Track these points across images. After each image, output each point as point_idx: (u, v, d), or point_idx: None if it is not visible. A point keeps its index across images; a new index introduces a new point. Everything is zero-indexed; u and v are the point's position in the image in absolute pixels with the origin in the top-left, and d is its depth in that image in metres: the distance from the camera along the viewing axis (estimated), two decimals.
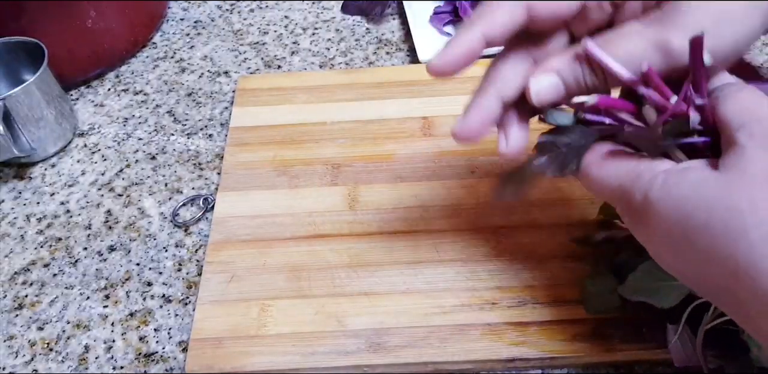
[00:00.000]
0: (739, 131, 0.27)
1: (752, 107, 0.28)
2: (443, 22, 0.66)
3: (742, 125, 0.27)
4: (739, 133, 0.27)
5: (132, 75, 0.66)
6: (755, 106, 0.28)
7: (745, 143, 0.26)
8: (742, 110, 0.28)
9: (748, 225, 0.25)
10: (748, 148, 0.26)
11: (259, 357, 0.43)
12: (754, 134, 0.26)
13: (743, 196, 0.26)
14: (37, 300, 0.49)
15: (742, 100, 0.28)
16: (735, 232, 0.25)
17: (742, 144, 0.27)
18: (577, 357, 0.42)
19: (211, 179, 0.56)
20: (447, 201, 0.51)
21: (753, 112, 0.27)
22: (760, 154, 0.26)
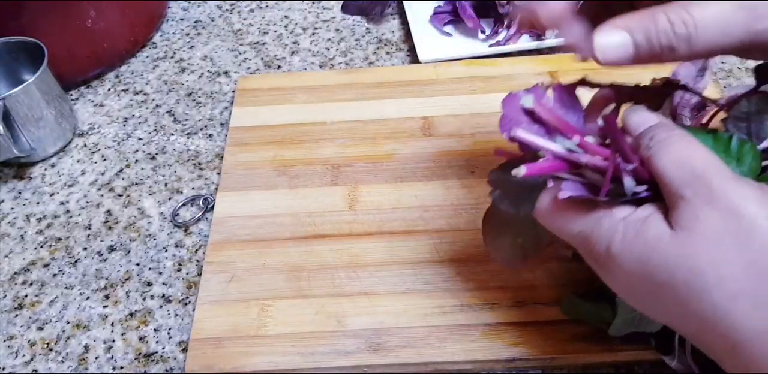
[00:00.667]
0: (683, 188, 0.27)
1: (688, 161, 0.28)
2: (443, 22, 0.66)
3: (685, 182, 0.27)
4: (684, 191, 0.27)
5: (132, 75, 0.66)
6: (691, 160, 0.28)
7: (693, 200, 0.27)
8: (679, 166, 0.28)
9: (709, 285, 0.26)
10: (697, 207, 0.27)
11: (259, 357, 0.43)
12: (699, 192, 0.27)
13: (701, 257, 0.26)
14: (37, 300, 0.49)
15: (677, 153, 0.28)
16: (698, 292, 0.26)
17: (689, 201, 0.27)
18: (577, 357, 0.42)
19: (211, 179, 0.56)
20: (447, 201, 0.51)
21: (692, 168, 0.27)
22: (708, 213, 0.26)
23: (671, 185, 0.28)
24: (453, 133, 0.56)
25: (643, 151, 0.29)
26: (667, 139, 0.29)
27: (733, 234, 0.26)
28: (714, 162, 0.28)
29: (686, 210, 0.27)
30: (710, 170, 0.27)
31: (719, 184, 0.27)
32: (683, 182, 0.27)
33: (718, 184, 0.27)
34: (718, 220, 0.26)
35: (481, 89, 0.59)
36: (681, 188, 0.27)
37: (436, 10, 0.68)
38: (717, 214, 0.26)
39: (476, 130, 0.56)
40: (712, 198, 0.26)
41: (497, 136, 0.57)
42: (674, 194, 0.28)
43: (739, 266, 0.26)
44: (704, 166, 0.27)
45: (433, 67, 0.62)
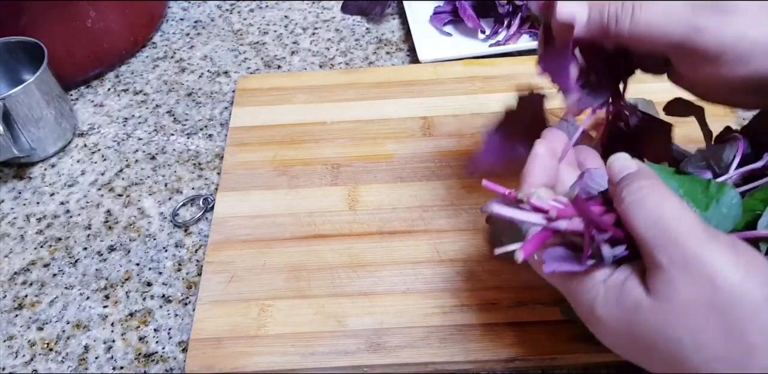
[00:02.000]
0: (657, 252, 0.28)
1: (661, 220, 0.28)
2: (443, 22, 0.66)
3: (660, 247, 0.28)
4: (659, 255, 0.27)
5: (132, 75, 0.66)
6: (665, 218, 0.28)
7: (668, 267, 0.27)
8: (653, 225, 0.28)
9: (688, 351, 0.27)
10: (673, 276, 0.27)
11: (259, 357, 0.43)
12: (674, 260, 0.27)
13: (679, 326, 0.27)
14: (37, 300, 0.49)
15: (649, 208, 0.28)
16: (678, 359, 0.27)
17: (664, 268, 0.27)
18: (577, 357, 0.42)
19: (211, 179, 0.56)
20: (447, 201, 0.51)
21: (665, 230, 0.28)
22: (683, 281, 0.27)
23: (646, 246, 0.28)
24: (453, 133, 0.56)
25: (617, 203, 0.30)
26: (638, 190, 0.29)
27: (710, 303, 0.26)
28: (687, 219, 0.28)
29: (662, 278, 0.27)
30: (684, 232, 0.27)
31: (694, 249, 0.27)
32: (658, 246, 0.28)
33: (693, 250, 0.27)
34: (694, 290, 0.27)
35: (481, 89, 0.59)
36: (656, 252, 0.28)
37: (436, 10, 0.68)
38: (693, 284, 0.27)
39: (476, 130, 0.56)
40: (688, 267, 0.27)
41: None
42: (649, 257, 0.28)
43: (717, 333, 0.26)
44: (678, 225, 0.28)
45: (433, 67, 0.62)
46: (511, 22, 0.65)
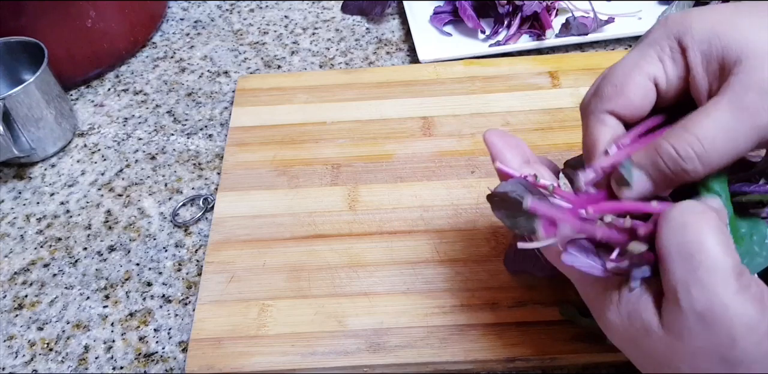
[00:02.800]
0: (680, 291, 0.26)
1: (698, 257, 0.26)
2: (443, 22, 0.66)
3: (684, 286, 0.26)
4: (681, 295, 0.26)
5: (132, 75, 0.66)
6: (701, 257, 0.26)
7: (687, 311, 0.26)
8: (687, 259, 0.26)
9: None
10: (690, 319, 0.26)
11: (259, 357, 0.43)
12: (695, 305, 0.26)
13: (685, 364, 0.27)
14: (37, 300, 0.49)
15: (691, 241, 0.26)
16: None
17: (684, 310, 0.26)
18: (577, 357, 0.42)
19: (211, 179, 0.56)
20: (447, 201, 0.51)
21: (696, 269, 0.26)
22: (700, 329, 0.26)
23: (671, 278, 0.26)
24: (453, 133, 0.56)
25: (660, 218, 0.28)
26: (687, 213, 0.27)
27: (722, 357, 0.26)
28: (725, 262, 0.26)
29: (679, 319, 0.26)
30: (716, 277, 0.25)
31: (720, 299, 0.25)
32: (683, 284, 0.26)
33: (719, 300, 0.25)
34: (709, 340, 0.26)
35: (481, 89, 0.59)
36: (679, 290, 0.26)
37: (436, 10, 0.68)
38: (709, 334, 0.26)
39: (476, 130, 0.56)
40: (708, 317, 0.25)
41: None
42: (671, 291, 0.26)
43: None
44: (713, 267, 0.26)
45: (433, 67, 0.62)
46: (511, 22, 0.65)
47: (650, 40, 0.31)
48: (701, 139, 0.28)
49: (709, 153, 0.28)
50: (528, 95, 0.58)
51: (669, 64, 0.31)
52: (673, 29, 0.31)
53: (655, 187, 0.30)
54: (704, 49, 0.30)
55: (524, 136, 0.54)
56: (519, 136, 0.38)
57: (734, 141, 0.28)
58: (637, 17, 0.66)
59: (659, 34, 0.31)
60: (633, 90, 0.31)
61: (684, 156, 0.29)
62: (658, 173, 0.30)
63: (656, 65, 0.31)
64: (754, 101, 0.28)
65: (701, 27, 0.30)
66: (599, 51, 0.65)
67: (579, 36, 0.63)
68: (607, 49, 0.65)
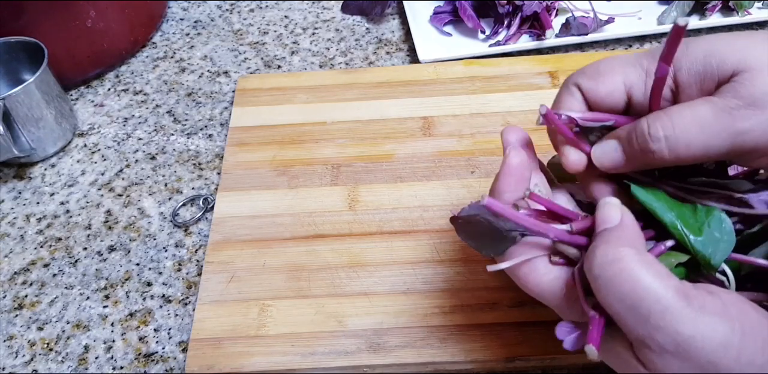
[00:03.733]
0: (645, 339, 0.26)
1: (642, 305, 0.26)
2: (443, 22, 0.66)
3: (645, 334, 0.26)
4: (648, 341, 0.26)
5: (132, 75, 0.66)
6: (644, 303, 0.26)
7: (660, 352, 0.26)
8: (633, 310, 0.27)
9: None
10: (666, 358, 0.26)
11: (259, 357, 0.43)
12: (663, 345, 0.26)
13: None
14: (37, 300, 0.49)
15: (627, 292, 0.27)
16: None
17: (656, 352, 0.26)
18: (577, 357, 0.42)
19: (211, 179, 0.56)
20: (447, 201, 0.51)
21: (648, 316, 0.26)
22: (678, 363, 0.26)
23: (631, 331, 0.27)
24: (453, 133, 0.56)
25: (590, 277, 0.28)
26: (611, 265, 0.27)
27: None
28: (669, 297, 0.26)
29: (657, 360, 0.26)
30: (669, 314, 0.26)
31: (683, 331, 0.26)
32: (643, 333, 0.26)
33: (682, 333, 0.26)
34: (692, 370, 0.26)
35: (481, 89, 0.59)
36: (643, 338, 0.26)
37: (436, 10, 0.68)
38: (689, 367, 0.26)
39: (476, 130, 0.56)
40: (680, 352, 0.26)
41: (497, 136, 0.57)
42: (636, 341, 0.27)
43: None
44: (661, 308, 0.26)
45: (433, 67, 0.62)
46: (511, 22, 0.65)
47: (651, 52, 0.33)
48: (675, 125, 0.29)
49: (678, 139, 0.29)
50: (528, 95, 0.58)
51: (651, 78, 0.32)
52: None
53: (625, 161, 0.31)
54: (700, 69, 0.31)
55: None
56: None
57: (706, 136, 0.29)
58: (637, 17, 0.66)
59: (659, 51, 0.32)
60: (605, 82, 0.33)
61: (653, 134, 0.30)
62: (629, 147, 0.31)
63: (639, 76, 0.32)
64: (739, 108, 0.28)
65: (698, 50, 0.31)
66: (599, 51, 0.65)
67: (579, 36, 0.63)
68: (607, 49, 0.65)
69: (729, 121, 0.29)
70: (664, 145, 0.30)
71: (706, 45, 0.31)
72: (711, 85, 0.30)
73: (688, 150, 0.29)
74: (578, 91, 0.33)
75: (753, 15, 0.64)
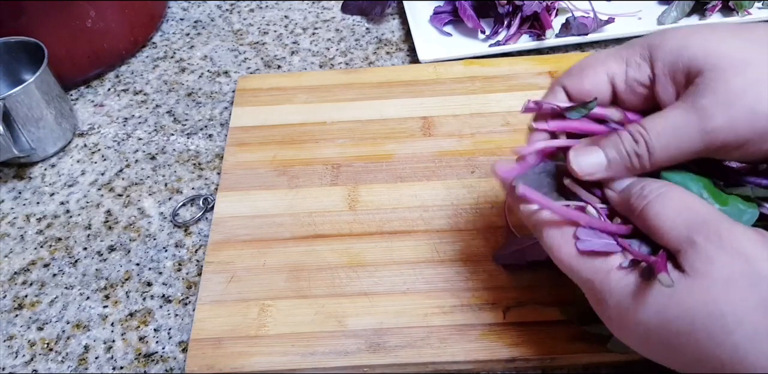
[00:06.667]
0: (693, 233, 0.28)
1: (692, 207, 0.29)
2: (443, 22, 0.66)
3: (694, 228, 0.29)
4: (695, 236, 0.28)
5: (132, 75, 0.66)
6: (695, 206, 0.29)
7: (705, 245, 0.28)
8: (684, 211, 0.29)
9: (730, 327, 0.27)
10: (710, 251, 0.28)
11: (259, 357, 0.43)
12: (710, 237, 0.28)
13: (720, 300, 0.27)
14: (37, 300, 0.49)
15: (677, 200, 0.30)
16: (718, 335, 0.27)
17: (701, 246, 0.28)
18: (577, 357, 0.42)
19: (211, 179, 0.56)
20: (447, 201, 0.51)
21: (697, 214, 0.29)
22: (723, 257, 0.27)
23: (677, 230, 0.29)
24: (453, 133, 0.56)
25: (637, 200, 0.31)
26: (661, 187, 0.31)
27: (746, 275, 0.27)
28: (711, 207, 0.30)
29: (699, 255, 0.28)
30: (715, 216, 0.29)
31: (727, 228, 0.28)
32: (692, 227, 0.29)
33: (726, 229, 0.28)
34: (730, 263, 0.27)
35: (481, 89, 0.59)
36: (691, 233, 0.28)
37: (436, 10, 0.68)
38: (729, 258, 0.27)
39: (476, 130, 0.56)
40: (723, 243, 0.28)
41: (497, 136, 0.58)
42: (682, 239, 0.29)
43: (755, 306, 0.27)
44: (707, 211, 0.29)
45: (433, 67, 0.62)
46: (511, 22, 0.65)
47: (630, 43, 0.34)
48: (649, 130, 0.31)
49: (654, 143, 0.31)
50: (528, 95, 0.58)
51: (633, 69, 0.34)
52: (650, 41, 0.33)
53: (607, 166, 0.33)
54: (672, 60, 0.32)
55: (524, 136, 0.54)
56: (519, 136, 0.38)
57: (679, 137, 0.31)
58: (637, 17, 0.66)
59: (638, 41, 0.34)
60: (588, 76, 0.34)
61: (636, 139, 0.32)
62: (617, 153, 0.32)
63: (619, 66, 0.34)
64: (706, 107, 0.30)
65: (673, 41, 0.32)
66: (599, 51, 0.65)
67: (579, 36, 0.63)
68: (607, 49, 0.65)
69: (698, 120, 0.30)
70: (644, 149, 0.32)
71: (681, 37, 0.32)
72: (681, 78, 0.32)
73: (665, 151, 0.31)
74: (562, 90, 0.36)
75: (753, 15, 0.64)
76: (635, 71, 0.34)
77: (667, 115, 0.31)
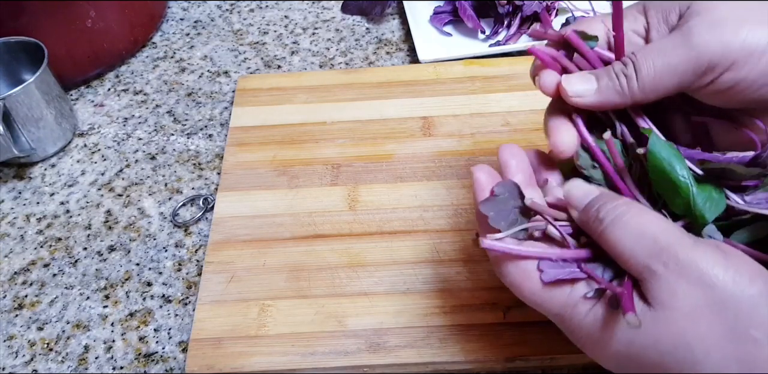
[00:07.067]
0: (652, 262, 0.28)
1: (648, 232, 0.29)
2: (443, 22, 0.66)
3: (652, 255, 0.28)
4: (654, 265, 0.28)
5: (132, 75, 0.66)
6: (651, 231, 0.29)
7: (665, 275, 0.28)
8: (640, 238, 0.29)
9: (698, 357, 0.27)
10: (671, 281, 0.28)
11: (259, 357, 0.43)
12: (669, 265, 0.28)
13: (686, 333, 0.27)
14: (37, 300, 0.49)
15: (633, 225, 0.29)
16: (688, 366, 0.27)
17: (661, 275, 0.28)
18: (577, 357, 0.42)
19: (211, 179, 0.56)
20: (447, 201, 0.51)
21: (655, 240, 0.28)
22: (684, 287, 0.27)
23: (636, 258, 0.29)
24: (453, 133, 0.56)
25: (594, 223, 0.30)
26: (616, 208, 0.30)
27: (710, 304, 0.27)
28: (672, 230, 0.29)
29: (661, 285, 0.28)
30: (672, 240, 0.28)
31: (685, 254, 0.28)
32: (650, 255, 0.28)
33: (685, 255, 0.28)
34: (694, 293, 0.27)
35: (481, 89, 0.59)
36: (649, 262, 0.28)
37: (436, 10, 0.68)
38: (691, 287, 0.27)
39: (476, 130, 0.56)
40: (684, 271, 0.27)
41: (497, 136, 0.58)
42: (642, 268, 0.28)
43: (722, 333, 0.27)
44: (665, 236, 0.28)
45: (433, 67, 0.62)
46: (511, 22, 0.65)
47: (634, 5, 0.37)
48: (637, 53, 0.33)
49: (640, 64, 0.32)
50: (528, 95, 0.58)
51: (630, 21, 0.36)
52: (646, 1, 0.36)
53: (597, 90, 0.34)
54: (665, 6, 0.34)
55: (524, 136, 0.54)
56: (519, 136, 0.38)
57: (665, 56, 0.32)
58: None
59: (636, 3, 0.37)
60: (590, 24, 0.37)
61: (624, 62, 0.33)
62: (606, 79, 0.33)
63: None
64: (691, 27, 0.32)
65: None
66: None
67: None
68: None
69: (682, 40, 0.32)
70: (631, 70, 0.33)
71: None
72: (674, 18, 0.34)
73: (653, 73, 0.32)
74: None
75: None
76: (632, 23, 0.36)
77: (657, 40, 0.33)
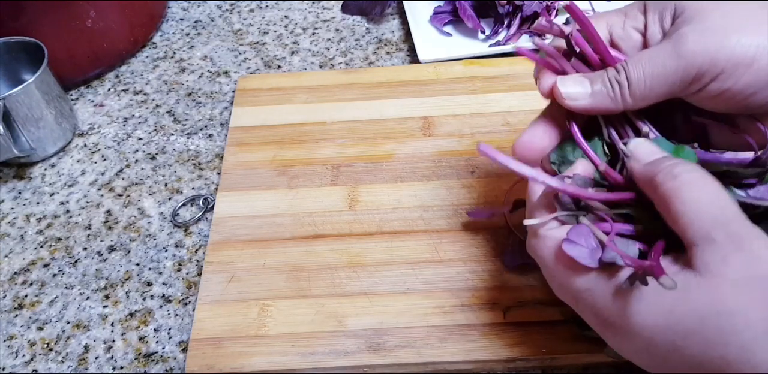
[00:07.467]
0: (714, 231, 0.28)
1: (719, 201, 0.29)
2: (443, 22, 0.66)
3: (717, 225, 0.28)
4: (715, 232, 0.28)
5: (132, 75, 0.66)
6: (721, 201, 0.29)
7: (723, 244, 0.28)
8: (709, 205, 0.29)
9: (739, 326, 0.27)
10: (727, 250, 0.28)
11: (259, 357, 0.43)
12: (730, 236, 0.28)
13: (731, 300, 0.27)
14: (37, 300, 0.49)
15: (710, 190, 0.29)
16: (727, 335, 0.27)
17: (720, 244, 0.28)
18: (577, 357, 0.42)
19: (211, 179, 0.56)
20: (447, 202, 0.51)
21: (722, 211, 0.28)
22: (739, 259, 0.27)
23: (700, 222, 0.28)
24: (453, 133, 0.56)
25: (665, 177, 0.30)
26: (693, 169, 0.30)
27: (758, 278, 0.27)
28: (736, 205, 0.29)
29: (715, 254, 0.28)
30: (738, 215, 0.28)
31: (745, 229, 0.28)
32: (715, 222, 0.28)
33: (745, 230, 0.28)
34: (745, 266, 0.27)
35: (481, 89, 0.59)
36: (713, 230, 0.28)
37: (436, 10, 0.68)
38: (745, 260, 0.27)
39: (476, 130, 0.56)
40: (742, 244, 0.28)
41: (497, 136, 0.58)
42: (702, 234, 0.28)
43: (764, 308, 0.27)
44: (732, 208, 0.29)
45: (433, 67, 0.62)
46: (511, 22, 0.65)
47: (634, 3, 0.38)
48: (628, 60, 0.34)
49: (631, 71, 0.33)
50: (528, 95, 0.58)
51: (630, 19, 0.37)
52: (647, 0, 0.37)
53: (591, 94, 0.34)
54: (662, 7, 0.35)
55: None
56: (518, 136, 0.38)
57: (655, 64, 0.33)
58: None
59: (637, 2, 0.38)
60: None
61: (617, 69, 0.34)
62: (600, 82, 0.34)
63: (619, 18, 0.37)
64: (681, 34, 0.33)
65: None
66: None
67: None
68: None
69: (672, 47, 0.33)
70: (623, 77, 0.34)
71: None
72: (669, 20, 0.35)
73: (643, 80, 0.33)
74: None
75: None
76: (632, 21, 0.36)
77: (649, 48, 0.34)
